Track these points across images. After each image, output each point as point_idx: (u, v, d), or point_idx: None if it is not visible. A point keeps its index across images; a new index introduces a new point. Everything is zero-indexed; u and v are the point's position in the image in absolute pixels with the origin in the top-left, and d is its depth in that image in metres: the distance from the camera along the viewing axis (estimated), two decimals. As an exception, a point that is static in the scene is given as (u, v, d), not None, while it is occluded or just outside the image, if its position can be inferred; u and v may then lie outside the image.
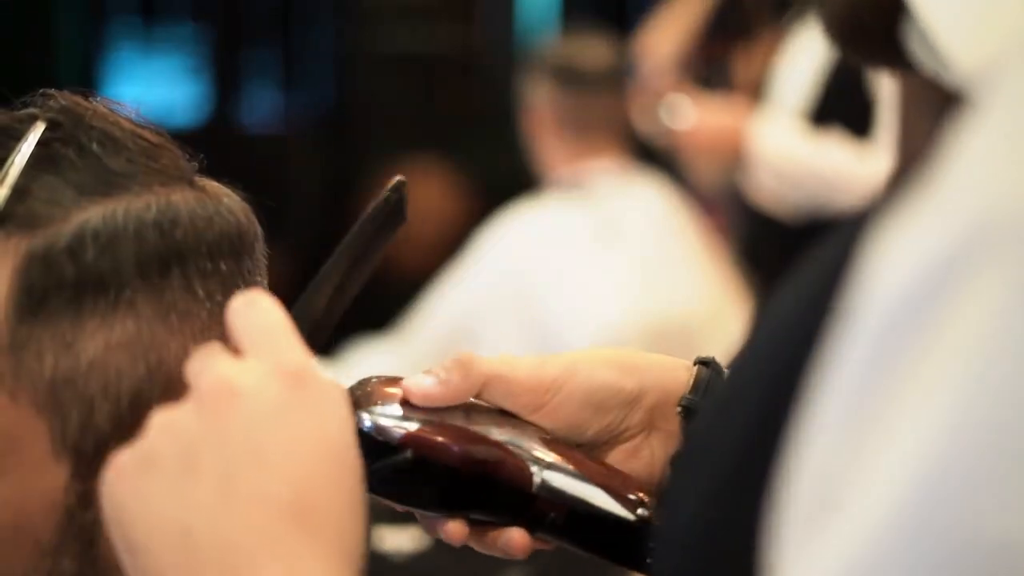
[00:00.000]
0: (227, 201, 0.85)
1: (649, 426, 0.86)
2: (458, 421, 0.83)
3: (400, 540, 1.98)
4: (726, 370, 0.86)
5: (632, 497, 0.83)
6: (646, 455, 0.87)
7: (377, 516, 2.06)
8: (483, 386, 0.84)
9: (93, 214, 0.80)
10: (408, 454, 0.81)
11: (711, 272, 2.93)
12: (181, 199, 0.83)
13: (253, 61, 5.39)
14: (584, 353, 0.87)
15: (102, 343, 0.79)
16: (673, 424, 0.86)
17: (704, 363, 0.87)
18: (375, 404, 0.83)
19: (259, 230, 0.87)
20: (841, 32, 0.70)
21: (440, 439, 0.82)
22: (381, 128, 4.91)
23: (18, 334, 0.78)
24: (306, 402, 0.69)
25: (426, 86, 5.05)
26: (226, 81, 5.30)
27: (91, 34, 5.24)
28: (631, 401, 0.86)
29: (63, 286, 0.78)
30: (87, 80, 4.89)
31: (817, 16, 0.74)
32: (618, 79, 3.00)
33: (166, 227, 0.81)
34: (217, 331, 0.81)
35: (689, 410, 0.86)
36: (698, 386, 0.86)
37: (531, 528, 0.83)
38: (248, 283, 0.85)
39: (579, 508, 0.83)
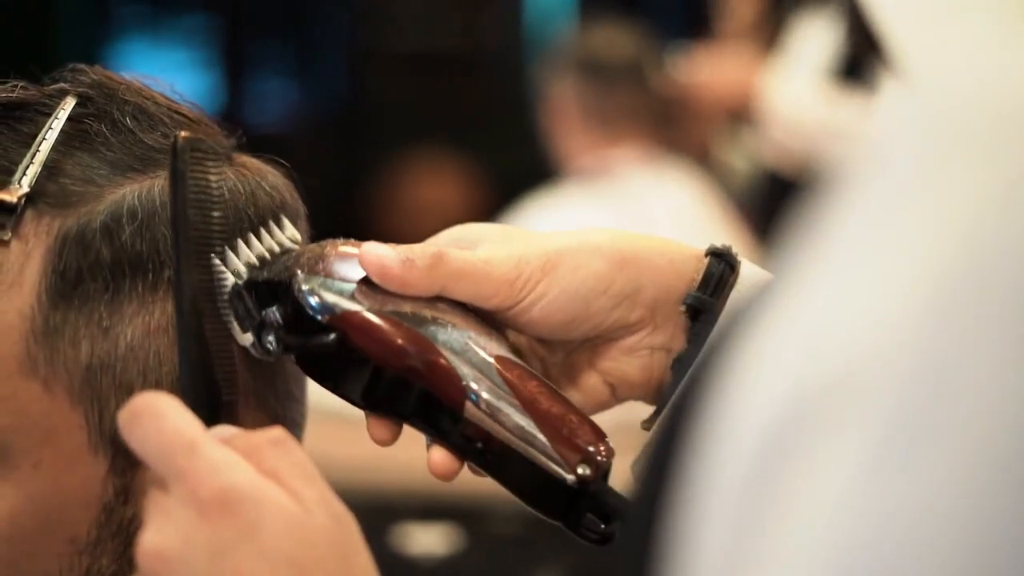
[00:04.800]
0: (270, 178, 0.81)
1: (651, 323, 0.77)
2: (409, 310, 0.74)
3: (429, 540, 1.94)
4: (741, 261, 0.78)
5: (577, 453, 0.73)
6: (644, 355, 0.77)
7: (405, 513, 2.03)
8: (454, 282, 0.75)
9: (128, 192, 0.76)
10: (331, 338, 0.73)
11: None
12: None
13: (264, 54, 5.36)
14: (574, 240, 0.77)
15: (140, 327, 0.75)
16: (678, 323, 0.77)
17: (717, 254, 0.77)
18: (319, 272, 0.74)
19: (302, 208, 0.83)
20: (858, 27, 0.67)
21: (372, 332, 0.73)
22: (393, 122, 4.88)
23: (51, 319, 0.74)
24: (243, 530, 0.63)
25: (438, 80, 5.03)
26: (236, 74, 5.27)
27: (97, 23, 5.20)
28: (623, 297, 0.76)
29: (98, 267, 0.74)
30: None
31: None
32: (641, 69, 2.99)
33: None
34: None
35: (695, 309, 0.76)
36: (707, 282, 0.76)
37: (459, 452, 0.74)
38: None
39: (510, 449, 0.73)
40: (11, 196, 0.75)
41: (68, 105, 0.78)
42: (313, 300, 0.73)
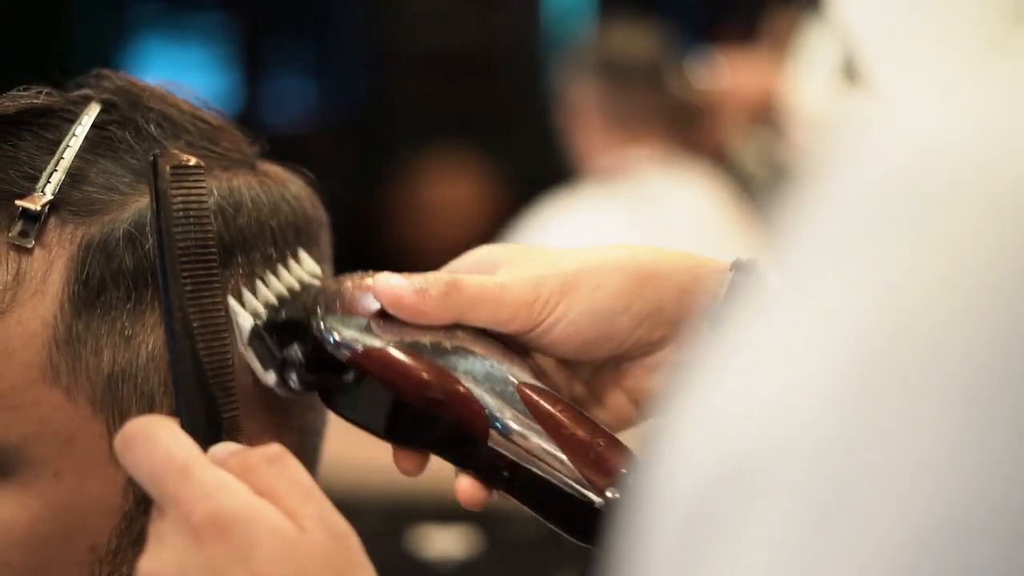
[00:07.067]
0: (292, 187, 0.81)
1: (675, 340, 0.76)
2: (428, 341, 0.73)
3: (447, 543, 1.93)
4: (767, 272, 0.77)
5: (605, 477, 0.72)
6: (669, 372, 0.77)
7: (422, 516, 2.03)
8: (470, 309, 0.74)
9: None
10: (351, 376, 0.73)
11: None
12: (244, 184, 0.79)
13: (281, 54, 5.36)
14: (593, 258, 0.76)
15: (162, 337, 0.74)
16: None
17: (742, 268, 0.75)
18: (336, 310, 0.74)
19: (325, 217, 0.82)
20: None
21: (392, 367, 0.72)
22: (410, 123, 4.88)
23: (74, 327, 0.74)
24: (236, 554, 0.63)
25: (456, 80, 5.03)
26: (253, 74, 5.27)
27: (113, 21, 5.20)
28: (645, 316, 0.75)
29: (121, 276, 0.74)
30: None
31: None
32: (660, 69, 2.98)
33: (228, 213, 0.77)
34: None
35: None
36: (732, 297, 0.75)
37: (486, 480, 0.74)
38: None
39: (536, 475, 0.73)
40: (35, 204, 0.75)
41: (92, 112, 0.78)
42: (331, 338, 0.73)
